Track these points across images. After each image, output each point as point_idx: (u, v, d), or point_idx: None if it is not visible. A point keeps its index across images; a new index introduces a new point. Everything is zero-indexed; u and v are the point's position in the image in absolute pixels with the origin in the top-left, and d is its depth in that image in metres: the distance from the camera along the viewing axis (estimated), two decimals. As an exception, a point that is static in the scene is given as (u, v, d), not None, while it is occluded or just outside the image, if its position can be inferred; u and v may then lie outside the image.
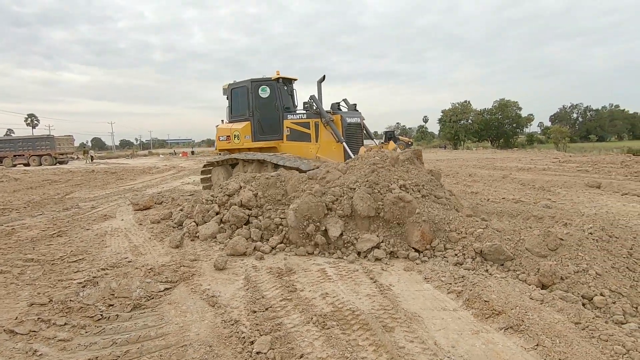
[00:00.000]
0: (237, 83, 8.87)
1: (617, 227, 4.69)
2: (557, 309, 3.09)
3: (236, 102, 8.90)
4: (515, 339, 2.72)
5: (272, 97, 8.49)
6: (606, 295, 3.36)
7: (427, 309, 3.25)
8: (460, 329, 2.90)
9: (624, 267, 3.77)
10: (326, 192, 5.06)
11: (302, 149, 7.96)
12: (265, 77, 8.51)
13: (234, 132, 8.74)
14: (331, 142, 7.65)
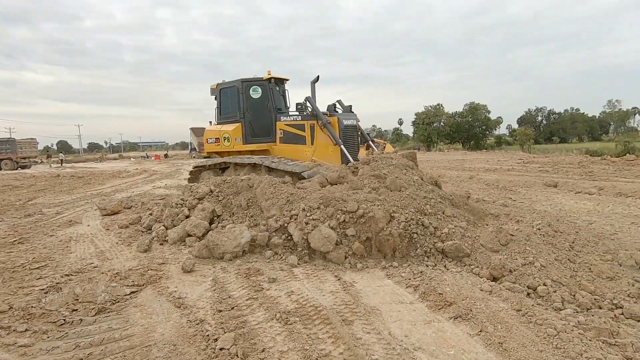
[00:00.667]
0: (226, 83, 8.52)
1: (563, 223, 5.10)
2: (502, 298, 3.36)
3: (225, 102, 8.55)
4: (463, 327, 2.96)
5: (264, 97, 8.19)
6: (548, 285, 3.68)
7: (386, 302, 3.45)
8: (415, 320, 3.11)
9: (566, 259, 4.12)
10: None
11: (296, 152, 7.68)
12: (257, 77, 8.21)
13: (224, 134, 8.36)
14: (328, 144, 7.48)
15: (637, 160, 18.55)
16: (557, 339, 2.69)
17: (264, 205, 5.56)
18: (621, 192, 9.83)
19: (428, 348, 2.70)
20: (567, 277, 3.81)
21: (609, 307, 3.49)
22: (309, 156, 7.50)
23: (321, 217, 4.79)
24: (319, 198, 5.05)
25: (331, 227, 4.60)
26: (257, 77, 8.19)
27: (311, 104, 7.47)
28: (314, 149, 7.58)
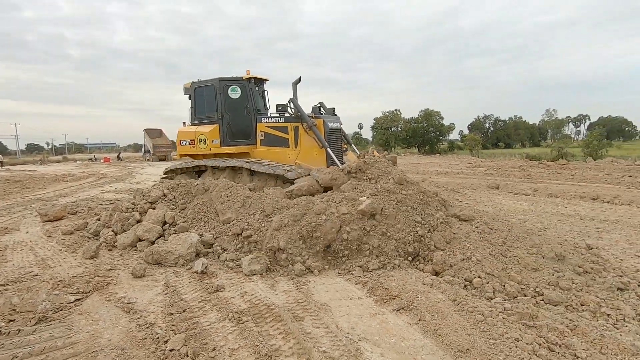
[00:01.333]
0: (201, 82, 8.10)
1: (498, 221, 5.61)
2: (441, 290, 3.67)
3: (201, 102, 8.12)
4: (404, 317, 3.21)
5: (243, 98, 7.84)
6: (482, 277, 4.06)
7: (336, 299, 3.63)
8: (361, 313, 3.32)
9: (499, 253, 4.56)
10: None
11: (279, 155, 7.41)
12: (236, 77, 7.90)
13: (200, 135, 7.89)
14: (313, 147, 7.26)
15: (568, 165, 20.56)
16: (484, 323, 3.02)
17: (220, 208, 5.56)
18: (552, 193, 10.91)
19: (372, 338, 2.90)
20: (498, 270, 4.22)
21: (532, 295, 3.93)
22: (293, 159, 7.29)
23: (277, 225, 4.88)
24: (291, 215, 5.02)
25: (288, 235, 4.71)
26: (236, 77, 7.88)
27: (295, 106, 7.21)
28: (298, 152, 7.35)
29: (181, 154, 8.42)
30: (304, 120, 7.12)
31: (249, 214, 5.35)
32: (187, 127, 8.45)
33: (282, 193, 5.93)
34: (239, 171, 7.34)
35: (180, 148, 8.32)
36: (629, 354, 2.85)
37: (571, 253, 4.70)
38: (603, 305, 3.67)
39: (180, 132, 8.36)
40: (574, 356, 2.72)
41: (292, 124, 7.36)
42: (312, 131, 7.10)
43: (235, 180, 7.17)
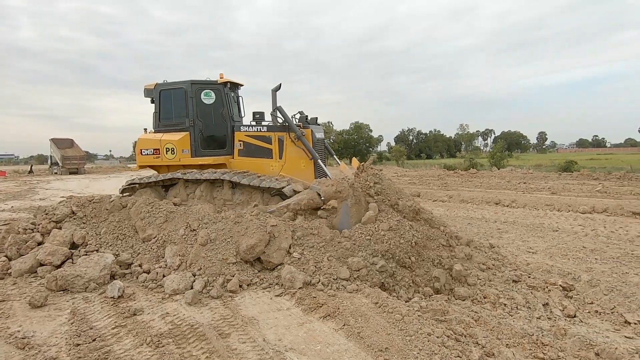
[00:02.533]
0: (169, 84, 7.22)
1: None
2: (365, 294, 3.87)
3: (167, 107, 7.23)
4: (330, 324, 3.31)
5: (218, 103, 7.16)
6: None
7: (264, 311, 3.61)
8: (289, 324, 3.34)
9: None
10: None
11: (260, 167, 6.83)
12: (209, 80, 7.22)
13: (166, 144, 7.00)
14: (300, 159, 6.81)
15: (478, 173, 23.16)
16: (402, 322, 3.25)
17: (139, 225, 5.18)
18: (464, 199, 12.19)
19: (298, 347, 2.94)
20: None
21: (445, 293, 4.35)
22: (276, 171, 6.81)
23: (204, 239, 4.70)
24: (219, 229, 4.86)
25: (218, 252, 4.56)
26: (210, 80, 7.23)
27: (283, 115, 6.72)
28: (283, 164, 6.84)
29: (141, 165, 7.37)
30: (292, 130, 6.66)
31: (173, 229, 5.07)
32: (150, 134, 7.41)
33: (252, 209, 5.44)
34: (217, 184, 6.61)
35: (140, 158, 7.26)
36: (519, 337, 3.30)
37: (477, 252, 5.29)
38: (501, 296, 4.20)
39: (141, 140, 7.32)
40: (476, 343, 3.07)
41: (277, 133, 6.87)
42: (300, 141, 6.66)
43: (214, 194, 6.58)
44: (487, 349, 3.01)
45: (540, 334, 3.37)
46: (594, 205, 10.19)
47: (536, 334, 3.35)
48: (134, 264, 4.70)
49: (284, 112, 6.70)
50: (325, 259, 4.50)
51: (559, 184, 16.46)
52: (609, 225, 8.09)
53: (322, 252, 4.58)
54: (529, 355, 3.03)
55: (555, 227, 8.07)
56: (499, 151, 31.79)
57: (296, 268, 4.33)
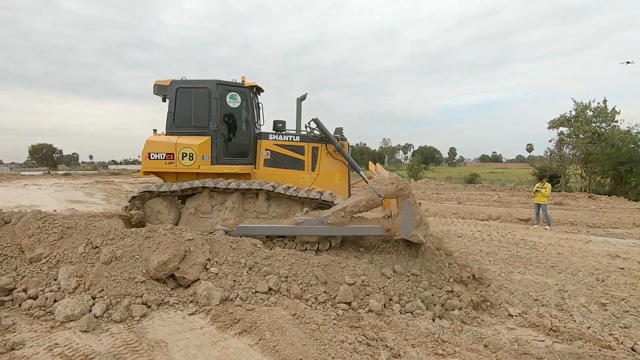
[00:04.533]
0: (188, 81, 6.46)
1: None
2: (284, 307, 3.86)
3: (185, 107, 6.43)
4: (246, 340, 3.23)
5: (243, 108, 6.56)
6: (321, 291, 4.44)
7: (175, 332, 3.37)
8: (201, 344, 3.17)
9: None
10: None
11: (289, 179, 6.28)
12: (236, 82, 6.58)
13: (184, 148, 6.18)
14: (334, 172, 6.40)
15: (397, 185, 24.86)
16: (318, 331, 3.32)
17: (26, 243, 4.48)
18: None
19: (209, 368, 2.80)
20: (335, 281, 4.71)
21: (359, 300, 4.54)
22: (308, 184, 6.35)
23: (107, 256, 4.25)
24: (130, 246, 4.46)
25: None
26: (236, 82, 6.58)
27: (319, 126, 6.28)
28: (316, 176, 6.41)
29: (147, 170, 6.43)
30: (331, 141, 6.27)
31: (70, 247, 4.50)
32: (161, 136, 6.50)
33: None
34: (249, 195, 6.05)
35: (147, 163, 6.31)
36: (423, 337, 3.58)
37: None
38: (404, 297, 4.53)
39: (150, 142, 6.35)
40: (385, 346, 3.26)
41: (310, 144, 6.44)
42: (340, 153, 6.31)
43: (245, 206, 5.99)
44: (394, 351, 3.21)
45: (442, 332, 3.71)
46: (491, 213, 11.65)
47: (438, 332, 3.68)
48: (16, 289, 4.02)
49: (320, 123, 6.33)
50: (244, 273, 4.40)
51: (465, 194, 18.51)
52: (500, 231, 9.31)
53: (241, 266, 4.47)
54: (431, 352, 3.31)
55: (459, 233, 9.01)
56: (416, 164, 34.68)
57: (213, 284, 4.15)
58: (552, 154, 23.28)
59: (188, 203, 6.10)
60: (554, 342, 3.68)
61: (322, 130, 6.31)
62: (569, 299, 4.70)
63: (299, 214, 5.51)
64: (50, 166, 50.18)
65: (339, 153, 6.32)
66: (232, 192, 5.96)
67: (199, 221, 5.93)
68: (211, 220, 5.89)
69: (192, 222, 5.92)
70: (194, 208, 6.00)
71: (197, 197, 6.07)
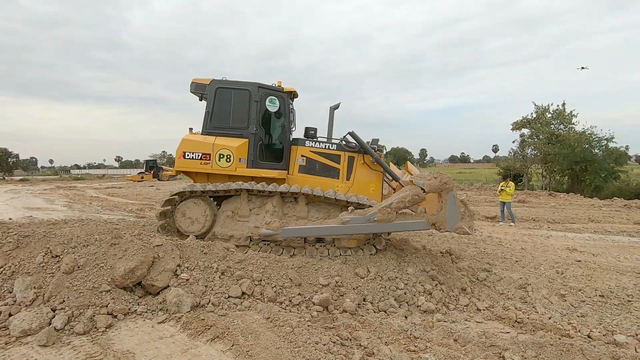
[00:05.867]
0: (229, 82, 6.34)
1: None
2: (257, 310, 3.81)
3: (225, 108, 6.31)
4: (218, 346, 3.16)
5: (281, 113, 6.47)
6: (295, 293, 4.43)
7: (144, 342, 3.25)
8: (171, 352, 3.07)
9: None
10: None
11: (324, 186, 6.19)
12: (275, 86, 6.49)
13: (221, 149, 6.03)
14: (369, 182, 6.42)
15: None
16: (292, 334, 3.30)
17: (-23, 254, 4.16)
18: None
19: (180, 377, 2.72)
20: (309, 283, 4.70)
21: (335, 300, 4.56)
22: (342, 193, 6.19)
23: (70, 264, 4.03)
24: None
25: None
26: (277, 86, 6.51)
27: (356, 139, 6.30)
28: (350, 185, 6.38)
29: (180, 170, 6.28)
30: (369, 152, 6.28)
31: (27, 257, 4.22)
32: (197, 135, 6.34)
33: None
34: (288, 199, 5.97)
35: (181, 162, 6.14)
36: (396, 334, 3.65)
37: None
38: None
39: (186, 141, 6.18)
40: (359, 345, 3.29)
41: (347, 153, 6.42)
42: (379, 164, 6.34)
43: (284, 210, 5.86)
44: (368, 349, 3.25)
45: (414, 328, 3.79)
46: (459, 211, 12.03)
47: (410, 329, 3.76)
48: (-34, 304, 3.73)
49: (357, 136, 6.34)
50: (216, 278, 4.31)
51: (435, 194, 19.00)
52: (469, 229, 9.64)
53: (213, 271, 4.37)
54: (404, 349, 3.37)
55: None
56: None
57: (184, 290, 4.03)
58: (515, 154, 24.48)
59: (224, 206, 5.98)
60: (518, 333, 3.85)
61: (359, 143, 6.35)
62: (532, 292, 4.95)
63: (344, 213, 5.42)
64: (6, 172, 46.97)
65: (377, 164, 6.37)
66: (271, 196, 5.93)
67: (236, 224, 5.82)
68: (248, 223, 5.80)
69: (228, 225, 5.83)
70: (231, 211, 5.90)
71: (234, 200, 5.99)
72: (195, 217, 5.86)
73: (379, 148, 6.65)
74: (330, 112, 6.96)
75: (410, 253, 5.82)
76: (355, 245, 5.70)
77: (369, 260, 5.30)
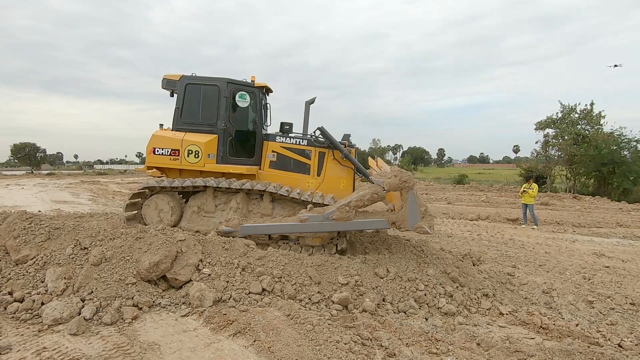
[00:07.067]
0: (198, 78, 6.39)
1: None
2: (278, 307, 3.84)
3: (193, 104, 6.34)
4: (240, 341, 3.20)
5: (252, 108, 6.50)
6: (315, 291, 4.43)
7: (168, 335, 3.32)
8: (195, 346, 3.13)
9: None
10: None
11: (294, 182, 6.25)
12: (246, 81, 6.50)
13: (189, 145, 6.10)
14: (340, 178, 6.38)
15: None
16: (313, 332, 3.30)
17: (11, 244, 4.36)
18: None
19: (204, 370, 2.77)
20: (328, 281, 4.71)
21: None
22: (312, 189, 6.27)
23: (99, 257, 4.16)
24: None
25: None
26: (247, 81, 6.51)
27: (325, 134, 6.26)
28: (320, 181, 6.37)
29: (151, 165, 6.28)
30: (338, 148, 6.26)
31: (58, 249, 4.39)
32: (167, 131, 6.38)
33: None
34: (254, 196, 6.04)
35: (152, 158, 6.19)
36: (417, 336, 3.61)
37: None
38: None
39: (156, 137, 6.25)
40: (380, 346, 3.27)
41: (318, 148, 6.39)
42: (348, 160, 6.30)
43: (249, 207, 5.93)
44: (389, 350, 3.22)
45: (435, 330, 3.74)
46: (480, 213, 11.81)
47: (431, 331, 3.71)
48: (1, 292, 3.91)
49: (326, 131, 6.30)
50: (237, 273, 4.36)
51: (454, 194, 18.73)
52: (489, 230, 9.45)
53: (234, 267, 4.43)
54: (425, 351, 3.33)
55: (449, 233, 9.11)
56: (406, 165, 35.01)
57: (206, 285, 4.10)
58: (538, 155, 23.78)
59: (191, 201, 6.03)
60: (544, 340, 3.74)
61: (328, 138, 6.28)
62: (558, 297, 4.80)
63: (303, 211, 5.46)
64: (34, 166, 48.95)
65: (347, 159, 6.32)
66: (236, 193, 5.93)
67: (202, 220, 5.88)
68: (214, 219, 5.84)
69: (194, 221, 5.87)
70: (197, 207, 5.94)
71: (200, 196, 6.02)
72: (163, 212, 5.90)
73: (350, 144, 6.60)
74: (306, 107, 6.87)
75: (430, 254, 5.73)
76: (320, 243, 5.66)
77: (389, 260, 5.26)
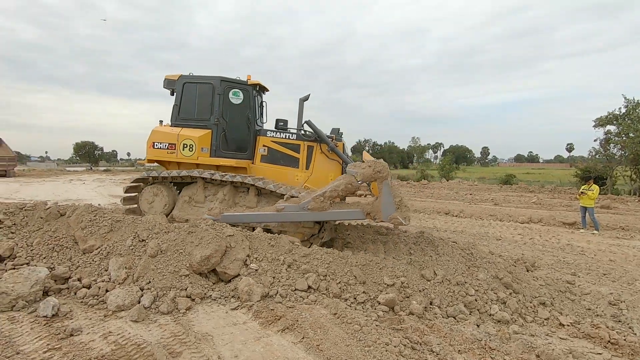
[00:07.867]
0: (194, 77, 6.89)
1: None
2: (324, 305, 3.84)
3: (189, 101, 6.84)
4: (289, 337, 3.23)
5: (245, 105, 6.86)
6: (360, 291, 4.39)
7: (219, 327, 3.44)
8: (246, 339, 3.21)
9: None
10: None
11: (283, 175, 6.59)
12: (240, 80, 6.94)
13: (185, 140, 6.58)
14: (328, 171, 6.56)
15: (429, 184, 24.31)
16: (361, 332, 3.27)
17: (80, 235, 4.74)
18: (417, 209, 12.70)
19: (255, 363, 2.83)
20: (374, 281, 4.64)
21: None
22: (300, 182, 6.55)
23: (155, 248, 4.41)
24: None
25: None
26: (241, 80, 6.95)
27: (312, 128, 6.49)
28: (309, 175, 6.61)
29: (152, 158, 6.83)
30: (324, 141, 6.47)
31: (119, 240, 4.71)
32: (166, 127, 6.91)
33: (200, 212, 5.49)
34: (241, 189, 6.40)
35: (151, 152, 6.73)
36: (469, 343, 3.45)
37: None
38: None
39: (156, 131, 6.78)
40: (430, 351, 3.16)
41: (306, 142, 6.65)
42: (334, 153, 6.48)
43: (236, 199, 6.31)
44: (441, 356, 3.11)
45: (488, 338, 3.56)
46: (531, 215, 11.10)
47: (484, 339, 3.53)
48: (72, 279, 4.26)
49: (313, 125, 6.48)
50: (283, 270, 4.42)
51: (501, 195, 17.77)
52: (543, 234, 8.84)
53: (280, 263, 4.50)
54: (479, 360, 3.17)
55: (498, 235, 8.65)
56: (448, 164, 33.71)
57: (254, 280, 4.20)
58: (597, 154, 21.90)
59: (184, 191, 6.50)
60: (612, 356, 3.43)
61: (316, 132, 6.49)
62: (627, 310, 4.38)
63: (280, 201, 5.56)
64: (93, 162, 53.13)
65: (333, 153, 6.47)
66: (225, 185, 6.29)
67: (192, 209, 6.30)
68: (203, 209, 6.20)
69: (185, 210, 6.33)
70: (189, 197, 6.37)
71: (192, 187, 6.47)
72: (158, 200, 6.50)
73: (337, 138, 6.72)
74: (300, 104, 6.97)
75: (479, 257, 5.47)
76: (300, 239, 5.61)
77: (436, 262, 5.09)
